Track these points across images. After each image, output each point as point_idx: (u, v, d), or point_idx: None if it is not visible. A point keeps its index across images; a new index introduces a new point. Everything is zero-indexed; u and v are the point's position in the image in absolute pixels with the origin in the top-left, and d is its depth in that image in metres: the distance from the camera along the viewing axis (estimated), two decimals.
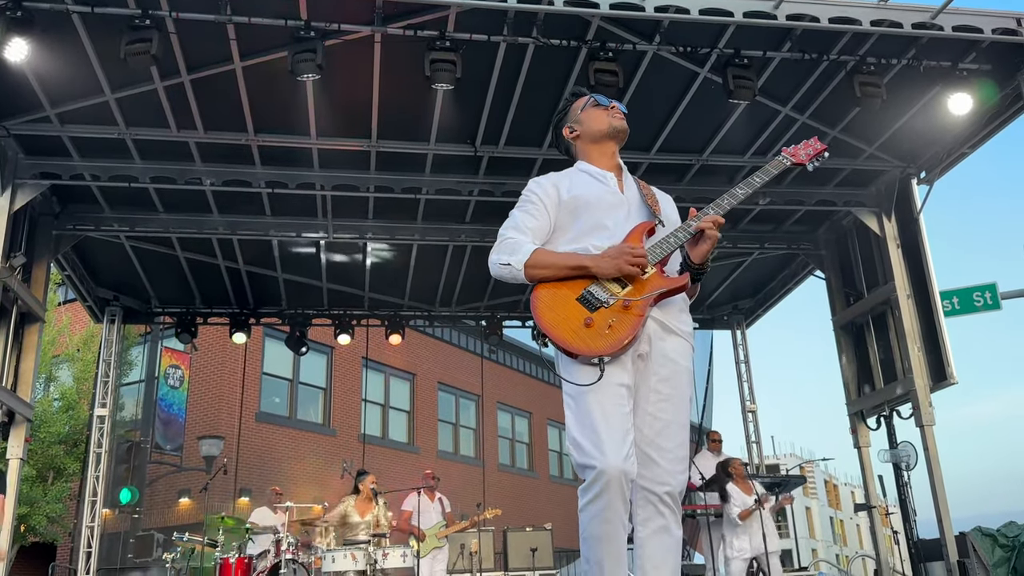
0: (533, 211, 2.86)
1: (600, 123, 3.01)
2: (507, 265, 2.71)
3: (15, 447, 8.82)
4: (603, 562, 2.55)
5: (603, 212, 2.84)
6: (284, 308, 12.77)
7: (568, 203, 2.87)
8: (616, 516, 2.52)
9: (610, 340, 2.54)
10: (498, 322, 13.32)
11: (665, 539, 2.67)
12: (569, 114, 3.10)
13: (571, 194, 2.88)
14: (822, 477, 59.27)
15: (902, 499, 10.30)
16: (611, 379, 2.55)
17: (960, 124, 8.59)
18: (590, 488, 2.52)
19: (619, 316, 2.58)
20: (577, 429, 2.58)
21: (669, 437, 2.70)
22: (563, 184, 2.93)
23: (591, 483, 2.51)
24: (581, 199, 2.86)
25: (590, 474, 2.51)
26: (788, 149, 3.09)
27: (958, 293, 12.40)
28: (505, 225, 2.85)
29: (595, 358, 2.53)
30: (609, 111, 3.03)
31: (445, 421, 24.63)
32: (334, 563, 8.08)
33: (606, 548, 2.54)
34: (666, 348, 2.74)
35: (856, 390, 10.71)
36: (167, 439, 15.70)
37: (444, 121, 8.56)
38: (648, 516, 2.67)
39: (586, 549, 2.59)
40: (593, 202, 2.85)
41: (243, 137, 8.58)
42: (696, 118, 8.80)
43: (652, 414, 2.69)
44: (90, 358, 17.11)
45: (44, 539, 16.92)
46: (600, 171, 2.97)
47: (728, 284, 13.01)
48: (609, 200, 2.88)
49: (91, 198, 9.70)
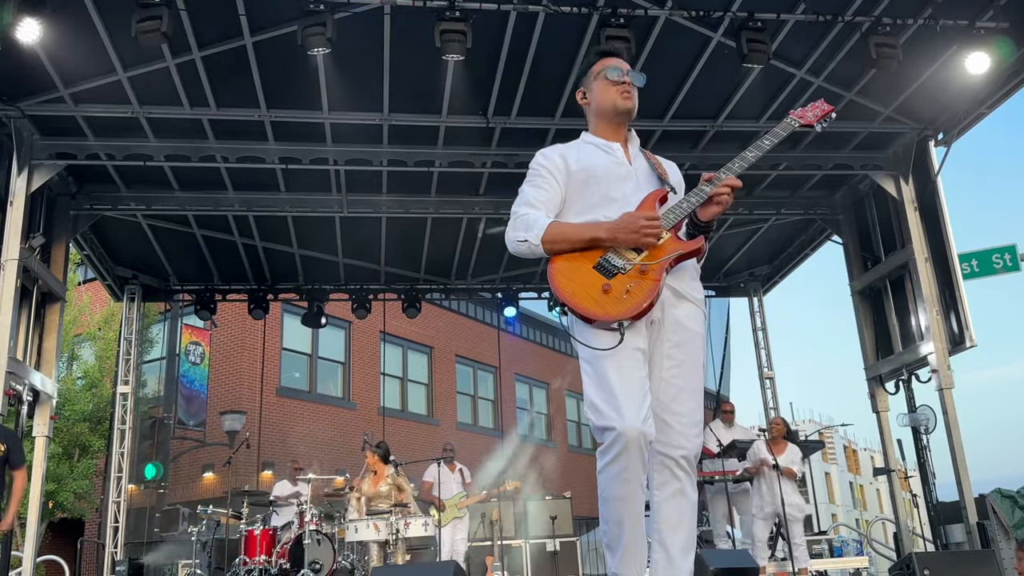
0: (543, 184, 2.87)
1: (607, 100, 2.97)
2: (524, 241, 2.73)
3: (40, 425, 8.97)
4: (623, 521, 2.61)
5: (611, 184, 2.85)
6: (301, 284, 12.84)
7: (577, 174, 2.87)
8: (635, 476, 2.57)
9: (629, 304, 2.58)
10: (514, 294, 13.35)
11: (681, 502, 2.72)
12: (585, 77, 3.07)
13: (579, 165, 2.88)
14: (841, 443, 59.26)
15: (921, 463, 10.30)
16: (628, 344, 2.59)
17: (977, 84, 8.46)
18: (609, 449, 2.56)
19: (636, 281, 2.61)
20: (596, 393, 2.62)
21: (683, 402, 2.74)
22: (571, 155, 2.92)
23: (610, 445, 2.55)
24: (589, 170, 2.86)
25: (609, 436, 2.55)
26: (796, 111, 3.08)
27: (977, 255, 12.27)
28: (517, 202, 2.86)
29: (614, 323, 2.57)
30: (618, 88, 2.97)
31: (463, 393, 24.78)
32: (357, 533, 8.21)
33: (626, 508, 2.60)
34: (679, 314, 2.78)
35: (874, 354, 10.68)
36: (189, 415, 15.90)
37: (456, 93, 8.52)
38: (664, 480, 2.72)
39: (605, 510, 2.64)
40: (601, 174, 2.86)
41: (256, 113, 8.59)
42: (710, 84, 8.72)
43: (666, 380, 2.73)
44: (111, 336, 17.31)
45: (72, 515, 17.24)
46: (606, 142, 2.97)
47: (745, 251, 12.95)
48: (617, 172, 2.88)
49: (107, 177, 9.77)
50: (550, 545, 10.57)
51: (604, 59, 3.04)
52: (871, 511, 58.19)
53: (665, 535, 2.70)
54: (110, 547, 11.08)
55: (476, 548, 10.45)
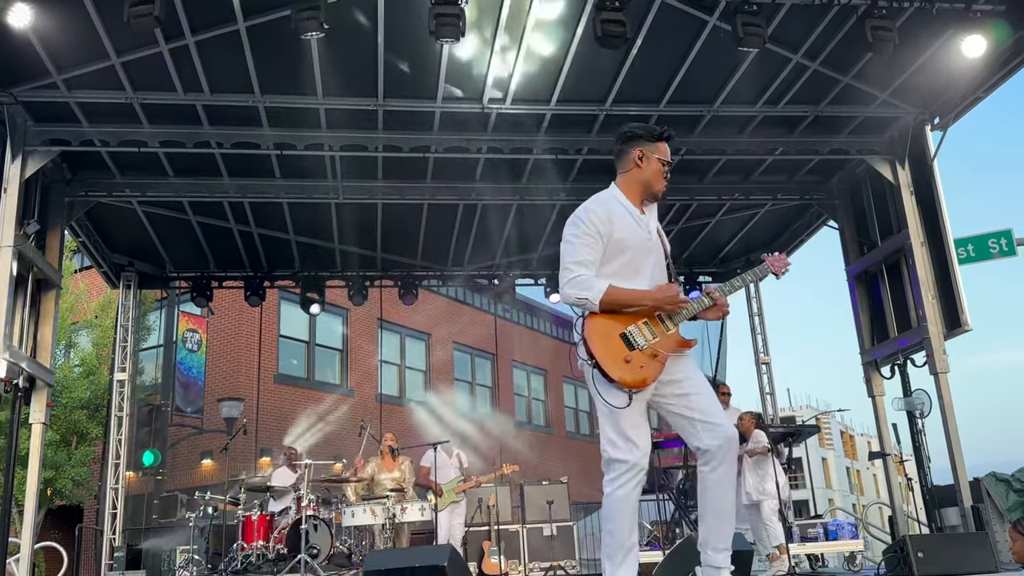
0: (591, 244, 3.44)
1: (657, 182, 3.60)
2: (584, 300, 3.35)
3: (37, 412, 8.97)
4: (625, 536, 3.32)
5: (639, 257, 3.51)
6: (298, 271, 12.83)
7: (615, 243, 3.47)
8: (637, 498, 3.36)
9: (639, 378, 3.33)
10: (510, 280, 13.34)
11: (731, 472, 3.44)
12: (647, 146, 3.60)
13: (619, 235, 3.47)
14: (838, 428, 59.47)
15: (916, 446, 10.34)
16: (636, 400, 3.35)
17: (974, 68, 8.45)
18: (621, 476, 3.32)
19: (648, 361, 3.35)
20: (613, 432, 3.36)
21: (711, 404, 3.47)
22: (613, 220, 3.49)
23: (623, 473, 3.32)
24: (626, 242, 3.48)
25: (623, 467, 3.32)
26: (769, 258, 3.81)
27: (973, 240, 12.29)
28: (569, 255, 3.43)
29: (624, 389, 3.31)
30: (665, 173, 3.62)
31: (461, 380, 24.81)
32: (354, 517, 8.25)
33: (628, 525, 3.33)
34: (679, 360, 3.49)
35: (870, 339, 10.70)
36: (187, 402, 15.90)
37: (450, 78, 8.50)
38: (718, 461, 3.40)
39: (612, 526, 3.32)
40: (633, 246, 3.50)
41: (250, 99, 8.56)
42: (706, 68, 8.70)
43: (692, 400, 3.45)
44: (108, 324, 17.29)
45: (70, 502, 17.28)
46: (638, 213, 3.57)
47: (741, 237, 12.95)
48: (645, 246, 3.54)
49: (102, 164, 9.74)
50: (547, 530, 10.61)
51: (667, 145, 3.64)
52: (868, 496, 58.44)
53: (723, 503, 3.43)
54: (108, 533, 11.11)
55: (473, 533, 10.49)
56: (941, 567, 7.00)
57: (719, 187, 11.12)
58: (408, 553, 7.16)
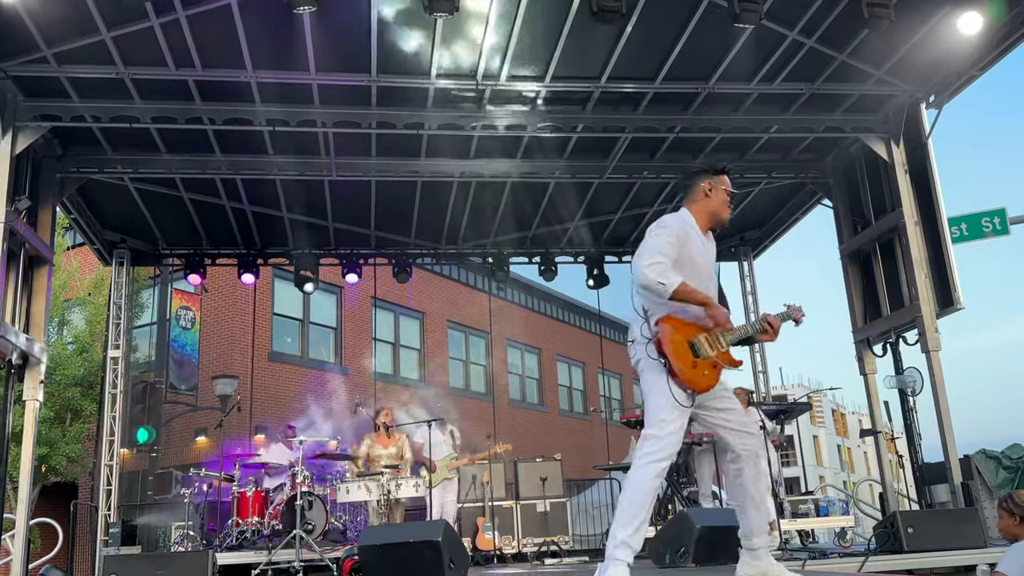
0: (672, 243, 3.79)
1: (723, 211, 4.01)
2: (663, 284, 3.65)
3: (31, 389, 8.97)
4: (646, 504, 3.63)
5: (701, 278, 3.85)
6: (291, 248, 12.79)
7: (684, 258, 3.81)
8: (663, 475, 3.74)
9: (703, 384, 3.75)
10: (504, 258, 13.32)
11: (763, 466, 3.97)
12: (714, 178, 3.99)
13: (689, 252, 3.83)
14: (829, 406, 59.82)
15: (907, 424, 10.41)
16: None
17: (970, 45, 8.42)
18: (660, 451, 3.66)
19: (709, 370, 3.76)
20: (665, 413, 3.70)
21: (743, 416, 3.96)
22: (690, 237, 3.87)
23: (662, 448, 3.66)
24: (693, 260, 3.84)
25: (661, 443, 3.66)
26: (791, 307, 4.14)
27: (966, 219, 12.30)
28: (652, 245, 3.75)
29: (689, 389, 3.72)
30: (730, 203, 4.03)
31: (455, 358, 24.85)
32: (349, 494, 8.28)
33: (652, 496, 3.66)
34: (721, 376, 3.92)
35: (863, 317, 10.73)
36: (181, 379, 15.88)
37: (444, 54, 8.44)
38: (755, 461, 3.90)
39: (636, 493, 3.63)
40: (698, 264, 3.86)
41: (242, 74, 8.48)
42: (701, 45, 8.65)
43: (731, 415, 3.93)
44: (101, 301, 17.22)
45: (65, 478, 17.29)
46: (705, 241, 3.96)
47: (735, 215, 12.80)
48: (707, 270, 3.92)
49: (93, 140, 9.67)
50: (540, 506, 10.68)
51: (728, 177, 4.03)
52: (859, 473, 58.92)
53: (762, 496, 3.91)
54: (103, 510, 11.15)
55: (467, 509, 10.55)
56: (930, 542, 7.08)
57: None
58: (403, 528, 7.21)
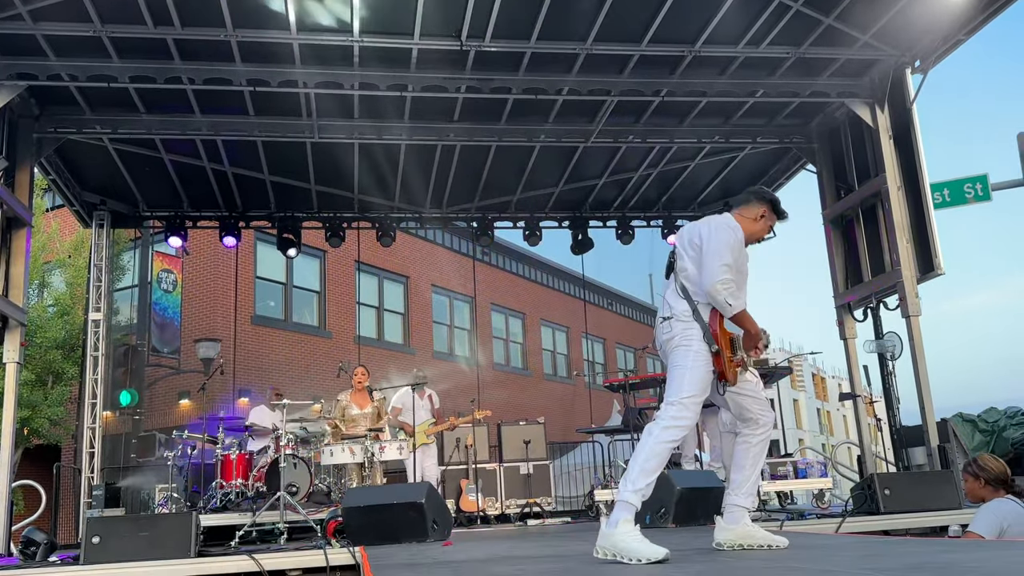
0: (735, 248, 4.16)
1: (760, 237, 4.48)
2: (730, 305, 4.04)
3: (11, 351, 8.91)
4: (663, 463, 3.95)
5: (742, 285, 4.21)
6: (273, 211, 12.70)
7: (736, 263, 4.14)
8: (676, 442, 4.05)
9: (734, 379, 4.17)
10: (489, 223, 13.28)
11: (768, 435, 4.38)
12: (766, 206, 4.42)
13: (739, 261, 4.17)
14: (809, 370, 60.43)
15: (886, 388, 10.54)
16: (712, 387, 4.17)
17: (956, 9, 8.39)
18: (684, 419, 3.98)
19: (740, 368, 4.21)
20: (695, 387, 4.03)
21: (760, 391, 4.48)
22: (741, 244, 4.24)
23: (686, 418, 3.99)
24: (740, 267, 4.19)
25: (685, 412, 3.98)
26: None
27: (949, 185, 12.36)
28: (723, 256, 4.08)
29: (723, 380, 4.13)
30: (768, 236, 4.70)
31: (439, 323, 24.88)
32: (332, 456, 8.31)
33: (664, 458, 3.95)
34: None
35: (844, 283, 10.80)
36: (163, 342, 15.83)
37: (428, 13, 8.32)
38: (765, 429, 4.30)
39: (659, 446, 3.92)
40: (742, 274, 4.22)
41: (221, 32, 8.33)
42: (688, 7, 8.56)
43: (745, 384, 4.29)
44: (81, 263, 17.08)
45: (48, 441, 17.28)
46: (746, 252, 4.33)
47: (719, 180, 12.94)
48: (747, 279, 4.31)
49: (71, 99, 9.50)
50: (523, 468, 10.79)
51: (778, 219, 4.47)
52: (838, 436, 59.71)
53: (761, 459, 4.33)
54: (87, 472, 11.16)
55: (451, 471, 10.63)
56: (907, 504, 7.21)
57: (699, 130, 11.07)
58: (387, 490, 7.26)
